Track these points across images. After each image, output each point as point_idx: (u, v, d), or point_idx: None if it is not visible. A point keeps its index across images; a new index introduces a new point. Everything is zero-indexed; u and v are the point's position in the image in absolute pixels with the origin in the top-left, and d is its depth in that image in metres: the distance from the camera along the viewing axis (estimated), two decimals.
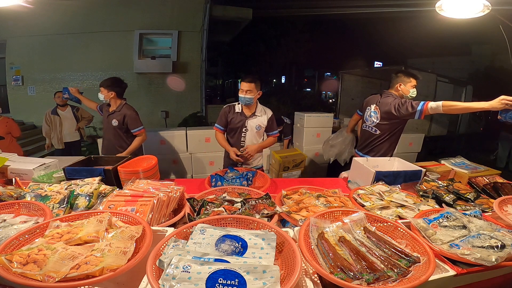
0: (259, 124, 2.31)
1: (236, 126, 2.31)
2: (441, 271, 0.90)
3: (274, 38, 13.27)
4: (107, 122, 2.59)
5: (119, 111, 2.54)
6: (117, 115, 2.53)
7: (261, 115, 2.32)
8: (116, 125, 2.53)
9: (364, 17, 8.74)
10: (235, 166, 2.15)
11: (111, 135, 2.59)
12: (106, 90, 2.50)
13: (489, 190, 1.64)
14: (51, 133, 4.11)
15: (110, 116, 2.55)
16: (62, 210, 1.24)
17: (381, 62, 11.89)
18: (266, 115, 2.34)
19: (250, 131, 2.30)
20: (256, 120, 2.30)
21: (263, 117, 2.32)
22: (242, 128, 2.30)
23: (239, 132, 2.31)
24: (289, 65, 15.42)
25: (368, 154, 2.42)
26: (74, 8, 6.60)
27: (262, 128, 2.32)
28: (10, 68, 7.13)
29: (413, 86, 2.25)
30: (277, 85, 18.04)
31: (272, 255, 0.86)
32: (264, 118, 2.33)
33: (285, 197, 1.44)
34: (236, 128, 2.31)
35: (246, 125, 2.29)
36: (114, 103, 2.57)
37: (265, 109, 2.36)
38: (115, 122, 2.52)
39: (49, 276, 0.73)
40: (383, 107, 2.24)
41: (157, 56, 7.30)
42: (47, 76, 7.09)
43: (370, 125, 2.40)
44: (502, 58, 6.55)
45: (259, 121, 2.31)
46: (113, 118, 2.53)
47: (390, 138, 2.32)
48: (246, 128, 2.30)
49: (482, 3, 1.65)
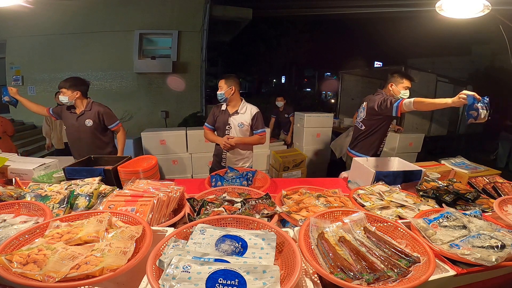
0: (242, 122, 2.33)
1: (220, 124, 2.37)
2: (441, 271, 0.90)
3: (274, 38, 13.27)
4: (77, 125, 2.41)
5: (90, 109, 2.41)
6: (89, 115, 2.40)
7: (244, 112, 2.34)
8: (91, 125, 2.40)
9: (364, 17, 8.74)
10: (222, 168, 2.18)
11: (86, 138, 2.44)
12: (70, 90, 2.32)
13: (489, 190, 1.65)
14: (51, 133, 4.12)
15: (80, 118, 2.40)
16: (62, 210, 1.24)
17: (381, 62, 11.88)
18: (250, 112, 2.35)
19: (234, 128, 2.33)
20: (238, 117, 2.33)
21: (246, 115, 2.34)
22: (225, 125, 2.35)
23: (223, 130, 2.36)
24: (289, 65, 15.43)
25: (354, 149, 2.50)
26: (74, 8, 6.59)
27: (245, 125, 2.33)
28: (10, 68, 7.13)
29: (405, 88, 2.25)
30: (277, 85, 18.05)
31: (272, 255, 0.86)
32: (248, 115, 2.34)
33: (285, 197, 1.44)
34: (221, 126, 2.37)
35: (229, 123, 2.33)
36: (80, 104, 2.41)
37: (250, 107, 2.37)
38: (89, 122, 2.39)
39: (49, 276, 0.73)
40: (370, 104, 2.29)
41: (157, 56, 7.29)
42: (47, 76, 7.08)
43: (358, 121, 2.48)
44: (502, 58, 6.53)
45: (242, 118, 2.33)
46: (85, 118, 2.39)
47: (373, 135, 2.37)
48: (229, 125, 2.34)
49: (482, 3, 1.65)
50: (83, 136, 2.44)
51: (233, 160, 2.40)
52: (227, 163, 2.39)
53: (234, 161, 2.40)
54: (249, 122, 2.34)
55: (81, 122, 2.40)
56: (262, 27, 12.58)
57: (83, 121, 2.40)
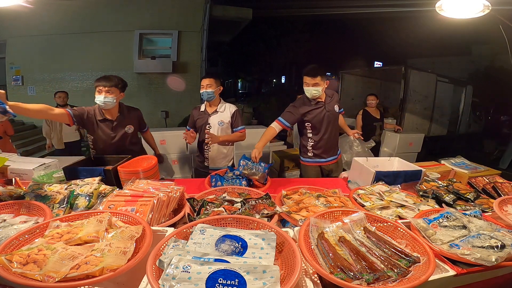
0: (222, 120, 2.35)
1: (201, 124, 2.38)
2: (441, 271, 0.90)
3: (274, 38, 13.27)
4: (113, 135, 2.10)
5: (127, 114, 2.16)
6: (129, 121, 2.16)
7: (223, 111, 2.36)
8: (131, 132, 2.17)
9: (364, 17, 8.73)
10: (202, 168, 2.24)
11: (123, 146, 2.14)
12: (118, 90, 2.04)
13: (489, 190, 1.64)
14: (51, 133, 4.12)
15: (117, 126, 2.10)
16: (62, 210, 1.24)
17: (381, 62, 11.87)
18: (229, 111, 2.38)
19: (213, 127, 2.35)
20: (217, 116, 2.35)
21: (226, 113, 2.36)
22: (205, 125, 2.36)
23: (203, 129, 2.37)
24: (289, 65, 15.41)
25: None
26: (74, 8, 6.60)
27: (225, 123, 2.35)
28: (10, 68, 7.13)
29: (306, 84, 2.16)
30: (277, 85, 18.04)
31: (272, 255, 0.86)
32: (227, 114, 2.36)
33: (285, 197, 1.44)
34: (201, 126, 2.39)
35: (209, 122, 2.35)
36: (115, 108, 2.10)
37: (229, 106, 2.41)
38: (130, 129, 2.15)
39: (49, 276, 0.73)
40: None
41: (157, 56, 7.30)
42: (47, 76, 7.09)
43: None
44: (502, 58, 6.53)
45: (221, 117, 2.35)
46: (125, 125, 2.13)
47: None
48: (209, 125, 2.35)
49: (482, 3, 1.65)
50: (120, 144, 2.13)
51: (216, 159, 2.43)
52: (210, 163, 2.43)
53: (217, 160, 2.43)
54: (229, 120, 2.36)
55: (118, 130, 2.10)
56: (262, 27, 12.57)
57: (122, 129, 2.11)
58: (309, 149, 2.33)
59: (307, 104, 2.23)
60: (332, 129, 2.29)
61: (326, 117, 2.23)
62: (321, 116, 2.22)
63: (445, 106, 6.24)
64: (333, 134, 2.33)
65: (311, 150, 2.33)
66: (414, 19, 7.67)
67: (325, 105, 2.24)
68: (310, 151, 2.33)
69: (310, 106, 2.22)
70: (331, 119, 2.26)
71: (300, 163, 2.45)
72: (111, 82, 1.99)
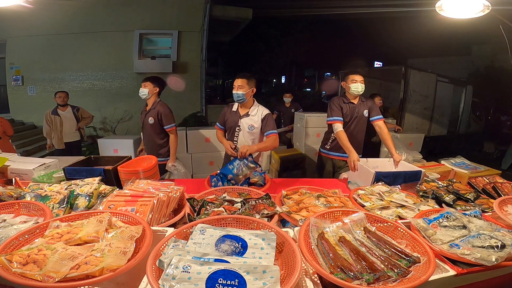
0: (252, 124, 2.26)
1: (231, 125, 2.31)
2: (441, 271, 0.90)
3: (274, 38, 13.26)
4: (145, 122, 2.66)
5: (154, 108, 2.59)
6: (153, 113, 2.59)
7: (255, 114, 2.27)
8: (152, 123, 2.60)
9: (364, 17, 8.72)
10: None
11: (148, 135, 2.68)
12: (153, 85, 2.58)
13: (489, 190, 1.64)
14: (51, 133, 4.12)
15: (147, 115, 2.62)
16: (62, 210, 1.24)
17: (381, 62, 11.87)
18: (261, 114, 2.27)
19: (243, 130, 2.28)
20: (249, 120, 2.26)
21: (257, 117, 2.26)
22: (235, 127, 2.29)
23: (233, 131, 2.31)
24: (289, 65, 15.42)
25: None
26: (74, 8, 6.59)
27: (255, 128, 2.26)
28: (10, 68, 7.12)
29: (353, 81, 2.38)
30: (277, 85, 18.01)
31: (272, 255, 0.86)
32: (258, 117, 2.26)
33: (285, 197, 1.44)
34: (231, 127, 2.32)
35: (240, 124, 2.28)
36: (151, 101, 2.61)
37: (262, 109, 2.29)
38: (151, 120, 2.59)
39: (49, 276, 0.73)
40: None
41: (157, 56, 7.29)
42: (47, 76, 7.08)
43: None
44: (502, 58, 6.53)
45: (252, 120, 2.26)
46: (149, 116, 2.60)
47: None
48: (240, 127, 2.28)
49: (482, 3, 1.65)
50: (146, 133, 2.71)
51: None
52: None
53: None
54: (259, 124, 2.26)
55: (146, 119, 2.62)
56: (262, 27, 12.55)
57: (147, 119, 2.61)
58: (329, 142, 2.56)
59: (341, 102, 2.46)
60: (354, 129, 2.46)
61: (353, 117, 2.45)
62: (348, 114, 2.43)
63: (445, 106, 6.24)
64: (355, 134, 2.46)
65: (329, 143, 2.56)
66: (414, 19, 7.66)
67: (356, 106, 2.44)
68: (328, 143, 2.56)
69: (344, 104, 2.45)
70: (357, 120, 2.45)
71: (320, 154, 2.69)
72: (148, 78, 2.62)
